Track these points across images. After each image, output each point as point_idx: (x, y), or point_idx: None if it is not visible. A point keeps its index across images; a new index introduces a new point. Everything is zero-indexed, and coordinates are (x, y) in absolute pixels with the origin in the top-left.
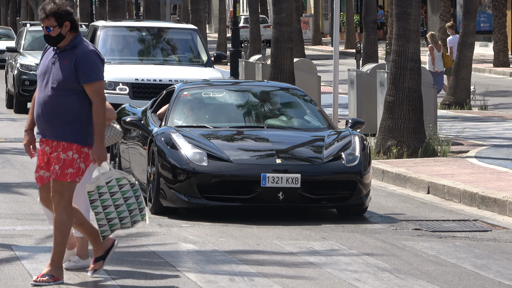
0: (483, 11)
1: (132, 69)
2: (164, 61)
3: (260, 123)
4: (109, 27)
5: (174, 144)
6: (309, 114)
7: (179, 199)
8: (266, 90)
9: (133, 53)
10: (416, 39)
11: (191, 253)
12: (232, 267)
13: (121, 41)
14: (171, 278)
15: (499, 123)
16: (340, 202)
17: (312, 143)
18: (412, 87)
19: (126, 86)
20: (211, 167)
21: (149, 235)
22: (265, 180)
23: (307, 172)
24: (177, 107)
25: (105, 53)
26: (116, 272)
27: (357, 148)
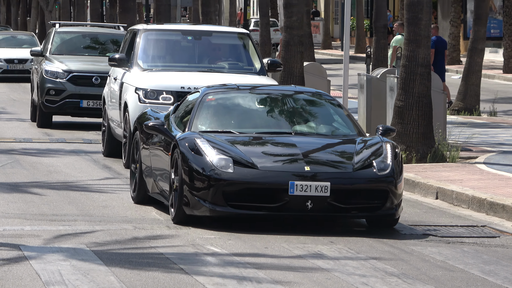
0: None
1: (177, 76)
2: (212, 68)
3: (287, 129)
4: (150, 31)
5: (199, 150)
6: (338, 120)
7: (203, 207)
8: (293, 95)
9: (177, 60)
10: (426, 44)
11: (199, 255)
12: (240, 270)
13: (164, 46)
14: (179, 280)
15: (508, 130)
16: (370, 212)
17: (341, 150)
18: (422, 92)
19: (171, 95)
20: (237, 174)
21: (158, 237)
22: (293, 188)
23: (337, 180)
24: (201, 111)
25: (146, 59)
26: (123, 274)
27: (389, 156)
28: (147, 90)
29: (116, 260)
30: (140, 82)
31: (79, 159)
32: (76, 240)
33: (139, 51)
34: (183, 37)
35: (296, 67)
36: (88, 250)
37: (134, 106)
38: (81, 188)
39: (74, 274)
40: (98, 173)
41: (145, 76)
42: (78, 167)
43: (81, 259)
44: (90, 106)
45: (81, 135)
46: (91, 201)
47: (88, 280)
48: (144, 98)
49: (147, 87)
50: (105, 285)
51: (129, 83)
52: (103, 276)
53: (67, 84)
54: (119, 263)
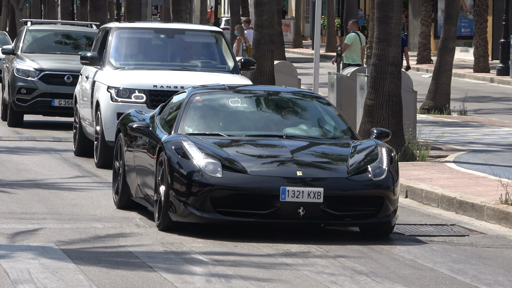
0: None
1: (149, 75)
2: (185, 67)
3: (278, 132)
4: (123, 29)
5: (186, 153)
6: (330, 123)
7: (190, 213)
8: (284, 96)
9: (150, 58)
10: (397, 43)
11: (168, 254)
12: (209, 268)
13: (136, 44)
14: (148, 279)
15: (478, 129)
16: (365, 220)
17: (335, 154)
18: (392, 91)
19: (143, 94)
20: (225, 179)
21: (127, 236)
22: (285, 194)
23: (331, 185)
24: (188, 113)
25: (118, 57)
26: (92, 272)
27: (385, 161)
28: (119, 89)
29: (85, 259)
30: (112, 81)
31: (49, 158)
32: (45, 238)
33: (111, 49)
34: (156, 36)
35: (267, 65)
36: (57, 249)
37: (106, 104)
38: (51, 186)
39: (43, 273)
40: (68, 172)
41: (117, 75)
42: (48, 165)
43: (50, 258)
44: (62, 105)
45: (52, 133)
46: (60, 199)
47: (56, 279)
48: (116, 97)
49: (119, 85)
50: (73, 283)
51: (101, 81)
52: (72, 275)
53: (39, 83)
54: (88, 262)
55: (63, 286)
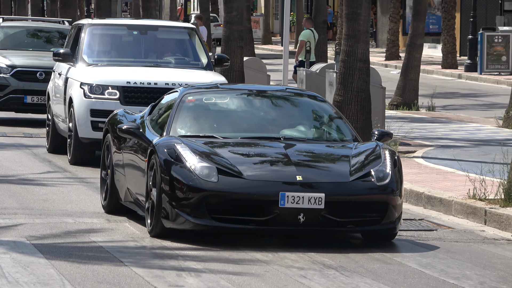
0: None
1: (122, 71)
2: (159, 63)
3: (275, 134)
4: (95, 26)
5: (179, 157)
6: (330, 124)
7: (184, 219)
8: (281, 96)
9: (123, 55)
10: (365, 39)
11: (138, 248)
12: (180, 263)
13: (109, 41)
14: (118, 273)
15: (446, 124)
16: (368, 226)
17: (336, 157)
18: (360, 87)
19: (116, 90)
20: (221, 183)
21: (98, 231)
22: (284, 200)
23: (332, 191)
24: (180, 114)
25: (91, 54)
26: (63, 266)
27: (388, 164)
28: (92, 85)
29: (56, 253)
30: (85, 77)
31: (20, 153)
32: (16, 233)
33: (84, 46)
34: (129, 32)
35: (236, 62)
36: (28, 243)
37: (79, 101)
38: (22, 181)
39: (14, 267)
40: (39, 167)
41: (90, 71)
42: (19, 161)
43: (21, 252)
44: (34, 102)
45: (23, 129)
46: (31, 194)
47: (28, 273)
48: (89, 93)
49: (92, 82)
50: (45, 277)
51: (74, 78)
52: (43, 269)
53: (11, 80)
54: (59, 256)
55: (34, 280)
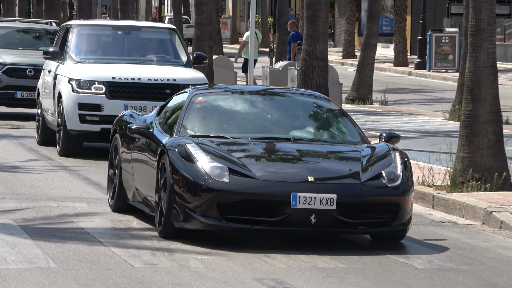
0: (385, 15)
1: (108, 68)
2: (141, 61)
3: (285, 135)
4: (83, 26)
5: (190, 156)
6: (338, 125)
7: (195, 220)
8: (290, 97)
9: (108, 53)
10: (324, 39)
11: (116, 230)
12: (154, 243)
13: (95, 40)
14: (98, 252)
15: (397, 117)
16: (379, 228)
17: (346, 158)
18: (319, 83)
19: (102, 85)
20: (233, 184)
21: (79, 214)
22: (296, 201)
23: (344, 192)
24: (190, 114)
25: (78, 52)
26: (47, 246)
27: (399, 166)
28: (80, 81)
29: (41, 234)
30: (73, 73)
31: (8, 143)
32: (5, 216)
33: (72, 45)
34: (114, 32)
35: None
36: (15, 225)
37: (67, 96)
38: (10, 169)
39: (2, 247)
40: (25, 156)
41: (78, 68)
42: (7, 150)
43: (9, 233)
44: (24, 97)
45: (11, 122)
46: (18, 180)
47: (15, 252)
48: (77, 88)
49: (80, 77)
50: (30, 256)
51: (63, 74)
52: (29, 249)
53: (2, 76)
54: (44, 237)
55: (21, 259)
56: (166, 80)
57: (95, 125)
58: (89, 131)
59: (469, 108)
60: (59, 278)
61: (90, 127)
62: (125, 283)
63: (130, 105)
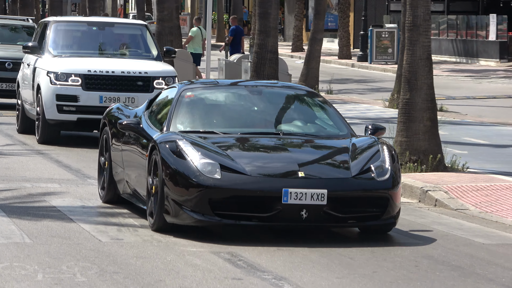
0: (330, 12)
1: (84, 61)
2: (115, 55)
3: (274, 129)
4: (60, 22)
5: (181, 153)
6: (326, 119)
7: (187, 215)
8: (277, 92)
9: (84, 47)
10: (275, 34)
11: (86, 208)
12: (120, 220)
13: (71, 35)
14: (69, 229)
15: (341, 105)
16: (369, 222)
17: (335, 153)
18: (270, 74)
19: (79, 78)
20: (224, 180)
21: (51, 194)
22: (287, 196)
23: (335, 187)
24: (180, 109)
25: (56, 47)
26: (22, 223)
27: (387, 160)
28: (58, 73)
29: (17, 212)
30: (51, 66)
31: None
32: None
33: (50, 40)
34: (89, 28)
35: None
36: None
37: (46, 87)
38: None
39: None
40: (1, 141)
41: (56, 61)
42: None
43: None
44: (3, 88)
45: None
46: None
47: None
48: (55, 80)
49: (58, 70)
50: (7, 232)
51: (41, 67)
52: (6, 225)
53: None
54: (19, 215)
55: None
56: (138, 73)
57: (72, 115)
58: (66, 120)
59: (406, 97)
60: (33, 252)
61: (67, 117)
62: (94, 257)
63: (105, 96)
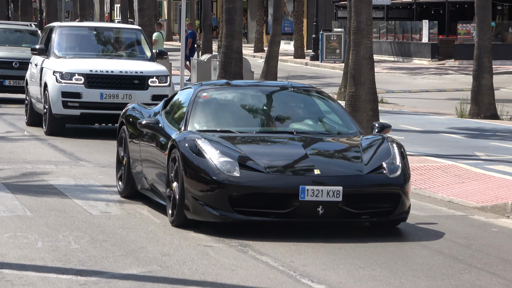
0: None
1: (86, 62)
2: (113, 56)
3: (287, 128)
4: (63, 27)
5: (201, 151)
6: (335, 118)
7: (207, 212)
8: (289, 92)
9: (85, 49)
10: (239, 37)
11: (78, 186)
12: (108, 196)
13: (74, 39)
14: (64, 203)
15: None
16: (382, 217)
17: (348, 150)
18: (235, 71)
19: (82, 77)
20: (243, 178)
21: (49, 173)
22: (304, 193)
23: (349, 184)
24: (196, 109)
25: (60, 49)
26: (24, 199)
27: (398, 157)
28: (63, 73)
29: (19, 190)
30: (57, 67)
31: None
32: None
33: (55, 43)
34: (90, 32)
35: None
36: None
37: (52, 85)
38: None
39: None
40: (5, 128)
41: (61, 62)
42: None
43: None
44: (11, 85)
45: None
46: (0, 148)
47: None
48: (61, 79)
49: (63, 70)
50: (11, 206)
51: (48, 67)
52: (10, 201)
53: None
54: (22, 192)
55: (4, 209)
56: (135, 72)
57: (75, 110)
58: (71, 115)
59: (352, 90)
60: (34, 224)
61: (72, 112)
62: (85, 227)
63: (105, 93)
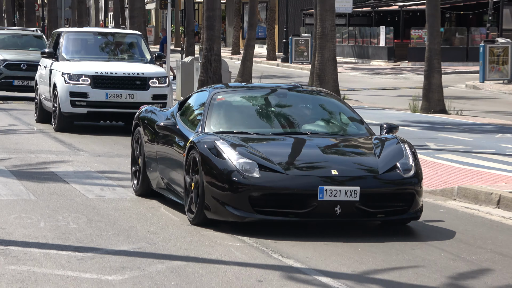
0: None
1: (92, 64)
2: (116, 59)
3: (301, 129)
4: (70, 32)
5: (220, 153)
6: (346, 119)
7: (227, 212)
8: (301, 94)
9: (91, 53)
10: (218, 41)
11: (76, 173)
12: (102, 181)
13: (80, 43)
14: (63, 188)
15: None
16: (397, 216)
17: (362, 151)
18: (215, 72)
19: (88, 78)
20: (263, 179)
21: (51, 162)
22: (323, 193)
23: (366, 184)
24: (212, 112)
25: (68, 52)
26: (29, 185)
27: (410, 157)
28: (71, 74)
29: (24, 176)
30: (65, 69)
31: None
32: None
33: (63, 46)
34: (95, 37)
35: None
36: (6, 170)
37: (61, 86)
38: (1, 132)
39: None
40: (11, 122)
41: (69, 64)
42: None
43: (1, 176)
44: (19, 84)
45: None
46: (7, 139)
47: (6, 189)
48: (69, 80)
49: (71, 72)
50: (17, 191)
51: (57, 69)
52: (16, 186)
53: (3, 69)
54: (26, 178)
55: (10, 193)
56: (137, 74)
57: (82, 108)
58: (78, 113)
59: None
60: (37, 206)
61: (79, 110)
62: (82, 209)
63: (110, 93)
